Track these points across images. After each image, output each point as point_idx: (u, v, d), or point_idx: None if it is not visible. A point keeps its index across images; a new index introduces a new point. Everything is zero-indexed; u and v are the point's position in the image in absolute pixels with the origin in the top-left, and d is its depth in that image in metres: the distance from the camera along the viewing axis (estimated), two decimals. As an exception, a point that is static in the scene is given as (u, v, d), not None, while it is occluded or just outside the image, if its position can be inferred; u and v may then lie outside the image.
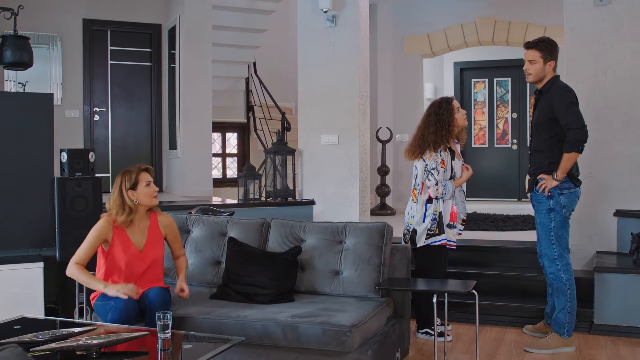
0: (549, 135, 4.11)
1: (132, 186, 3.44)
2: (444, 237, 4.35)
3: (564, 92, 4.07)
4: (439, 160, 4.33)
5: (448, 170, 4.37)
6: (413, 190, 4.47)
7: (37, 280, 4.48)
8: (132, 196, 3.44)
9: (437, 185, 4.31)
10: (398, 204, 8.89)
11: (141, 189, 3.45)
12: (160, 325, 2.75)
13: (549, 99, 4.10)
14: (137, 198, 3.45)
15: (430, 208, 4.34)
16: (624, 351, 4.16)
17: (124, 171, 3.51)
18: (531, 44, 4.20)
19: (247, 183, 5.96)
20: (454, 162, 4.42)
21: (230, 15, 8.48)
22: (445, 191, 4.31)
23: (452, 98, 4.52)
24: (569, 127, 3.96)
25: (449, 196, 4.34)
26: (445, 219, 4.36)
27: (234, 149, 10.16)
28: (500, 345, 4.31)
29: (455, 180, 4.38)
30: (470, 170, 4.47)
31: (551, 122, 4.08)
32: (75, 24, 7.82)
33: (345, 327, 3.17)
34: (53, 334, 2.78)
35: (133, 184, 3.44)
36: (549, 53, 4.13)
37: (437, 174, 4.31)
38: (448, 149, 4.41)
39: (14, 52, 5.00)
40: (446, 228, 4.36)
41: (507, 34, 8.31)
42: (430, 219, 4.34)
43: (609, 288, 4.57)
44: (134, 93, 8.34)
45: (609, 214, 5.15)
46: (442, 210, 4.36)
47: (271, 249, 4.05)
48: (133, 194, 3.44)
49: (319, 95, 6.01)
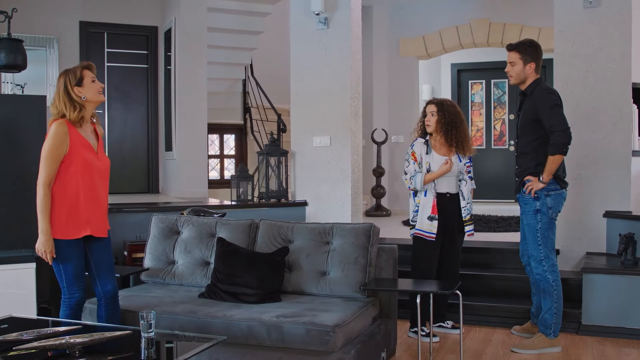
0: (534, 137, 4.14)
1: (78, 82, 3.32)
2: (418, 228, 4.48)
3: (547, 94, 4.10)
4: (409, 152, 4.53)
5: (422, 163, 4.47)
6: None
7: (29, 280, 4.51)
8: (79, 92, 3.32)
9: (405, 176, 4.52)
10: (393, 205, 8.93)
11: (87, 84, 3.33)
12: (143, 325, 2.79)
13: (532, 101, 4.13)
14: (84, 94, 3.32)
15: (415, 200, 4.52)
16: (610, 352, 4.18)
17: (65, 70, 3.39)
18: (511, 46, 4.24)
19: (239, 184, 6.00)
20: (429, 156, 4.47)
21: (226, 18, 8.52)
22: (412, 183, 4.46)
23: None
24: (553, 129, 3.99)
25: (419, 187, 4.44)
26: (426, 211, 4.44)
27: (231, 150, 10.20)
28: (487, 345, 4.34)
29: (427, 174, 4.45)
30: (448, 164, 4.42)
31: (535, 123, 4.11)
32: (72, 26, 7.86)
33: (329, 327, 3.20)
34: (38, 333, 2.82)
35: (78, 80, 3.32)
36: (528, 55, 4.17)
37: (406, 165, 4.53)
38: (425, 143, 4.50)
39: (8, 54, 5.04)
40: (426, 220, 4.44)
41: (502, 36, 8.34)
42: (413, 210, 4.51)
43: (596, 289, 4.59)
44: (131, 95, 8.38)
45: (599, 215, 5.17)
46: (423, 203, 4.46)
47: (260, 250, 4.09)
48: (80, 90, 3.32)
49: (311, 97, 6.05)
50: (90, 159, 3.34)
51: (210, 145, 9.89)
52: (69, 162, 3.28)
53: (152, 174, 8.50)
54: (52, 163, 3.25)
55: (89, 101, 3.35)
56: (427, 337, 4.13)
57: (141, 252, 4.71)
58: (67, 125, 3.30)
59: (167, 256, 4.34)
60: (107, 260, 3.53)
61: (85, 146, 3.33)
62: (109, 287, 3.48)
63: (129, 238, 5.30)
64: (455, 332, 4.57)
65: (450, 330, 4.63)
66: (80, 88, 3.33)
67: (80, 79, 3.33)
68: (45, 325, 3.22)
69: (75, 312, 3.39)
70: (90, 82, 3.35)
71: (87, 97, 3.34)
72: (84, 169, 3.31)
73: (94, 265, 3.47)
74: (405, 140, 8.98)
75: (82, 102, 3.33)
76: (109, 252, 3.56)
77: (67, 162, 3.28)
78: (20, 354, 2.60)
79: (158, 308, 3.63)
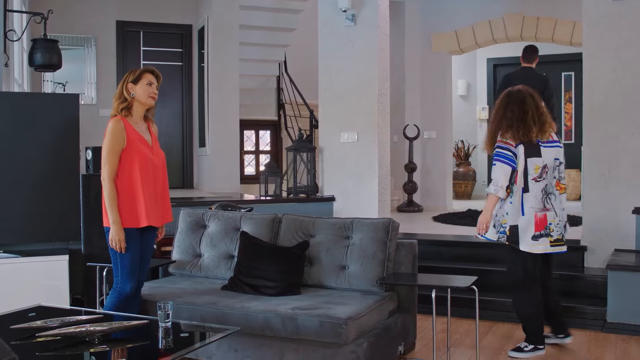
0: None
1: (134, 80, 3.50)
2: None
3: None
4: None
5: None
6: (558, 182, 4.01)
7: (62, 272, 4.70)
8: (131, 89, 3.48)
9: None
10: (425, 201, 8.91)
11: (141, 85, 3.49)
12: (161, 315, 2.90)
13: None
14: (135, 92, 3.49)
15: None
16: (634, 350, 4.13)
17: (132, 69, 3.62)
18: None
19: (268, 180, 6.10)
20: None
21: (259, 15, 8.63)
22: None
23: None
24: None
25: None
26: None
27: (267, 146, 10.33)
28: (508, 341, 4.33)
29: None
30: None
31: None
32: (109, 26, 8.10)
33: (341, 319, 3.26)
34: (62, 321, 2.95)
35: (135, 78, 3.50)
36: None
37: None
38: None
39: (44, 54, 5.24)
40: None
41: (535, 30, 8.23)
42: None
43: (622, 286, 4.53)
44: (166, 92, 8.58)
45: (628, 212, 5.09)
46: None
47: (282, 244, 4.17)
48: (132, 87, 3.49)
49: (339, 94, 6.11)
50: (147, 153, 3.52)
51: (246, 141, 10.04)
52: (128, 156, 3.47)
53: (186, 170, 8.69)
54: (113, 158, 3.43)
55: (137, 100, 3.52)
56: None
57: (170, 245, 4.84)
58: (123, 121, 3.48)
59: (194, 249, 4.46)
60: (150, 253, 3.73)
61: (141, 141, 3.52)
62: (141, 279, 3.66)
63: (159, 232, 5.44)
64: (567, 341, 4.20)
65: (562, 340, 4.22)
66: (135, 85, 3.50)
67: (137, 78, 3.51)
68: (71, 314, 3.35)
69: (122, 303, 3.52)
70: (145, 84, 3.51)
71: (136, 95, 3.50)
72: (141, 162, 3.48)
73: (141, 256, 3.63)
74: (438, 136, 8.95)
75: (130, 98, 3.50)
76: (152, 245, 3.76)
77: (126, 156, 3.47)
78: (43, 341, 2.73)
79: (181, 299, 3.75)
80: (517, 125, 3.90)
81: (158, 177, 3.60)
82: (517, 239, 3.89)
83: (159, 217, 3.62)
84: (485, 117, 10.98)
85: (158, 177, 3.60)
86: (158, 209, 3.59)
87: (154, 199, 3.56)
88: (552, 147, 3.96)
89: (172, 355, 2.63)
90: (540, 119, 3.93)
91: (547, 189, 3.90)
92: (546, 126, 3.95)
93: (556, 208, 3.91)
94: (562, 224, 3.95)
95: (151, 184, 3.53)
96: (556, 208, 3.91)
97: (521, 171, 3.88)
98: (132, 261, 3.52)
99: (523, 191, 3.88)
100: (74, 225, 4.89)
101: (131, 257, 3.51)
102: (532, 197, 3.86)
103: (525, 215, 3.87)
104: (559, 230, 3.92)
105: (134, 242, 3.51)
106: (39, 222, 4.87)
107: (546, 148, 3.93)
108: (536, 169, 3.88)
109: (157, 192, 3.59)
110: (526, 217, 3.87)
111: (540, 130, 3.91)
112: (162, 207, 3.64)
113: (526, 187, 3.87)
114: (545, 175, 3.89)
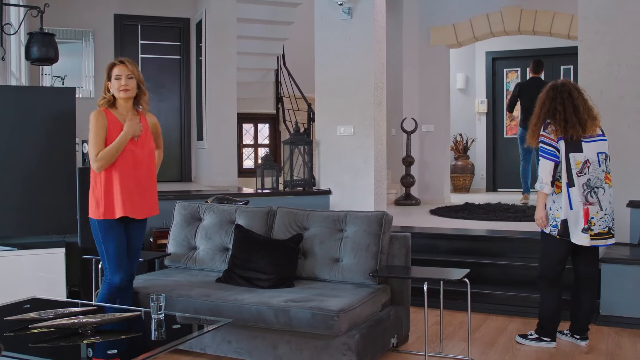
0: None
1: (108, 78, 3.57)
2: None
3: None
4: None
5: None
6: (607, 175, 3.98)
7: (59, 264, 4.73)
8: (110, 86, 3.56)
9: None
10: (423, 194, 8.92)
11: (112, 81, 3.55)
12: (153, 307, 2.94)
13: None
14: (111, 88, 3.56)
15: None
16: (626, 343, 4.15)
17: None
18: None
19: (264, 173, 6.12)
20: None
21: (256, 8, 8.63)
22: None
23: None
24: None
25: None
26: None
27: (265, 139, 10.34)
28: (501, 334, 4.35)
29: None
30: None
31: None
32: (107, 19, 8.11)
33: (333, 312, 3.29)
34: (55, 313, 2.98)
35: (108, 76, 3.57)
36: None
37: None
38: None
39: (40, 48, 5.26)
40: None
41: (533, 23, 8.21)
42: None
43: (615, 279, 4.55)
44: (164, 85, 8.60)
45: (622, 205, 5.11)
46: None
47: (276, 237, 4.19)
48: (109, 84, 3.56)
49: (335, 87, 6.12)
50: (128, 146, 3.52)
51: (245, 135, 10.05)
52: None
53: (185, 163, 8.71)
54: (98, 142, 3.48)
55: (115, 96, 3.57)
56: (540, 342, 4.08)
57: (166, 238, 4.87)
58: (105, 112, 3.54)
59: (189, 242, 4.48)
60: (138, 245, 3.74)
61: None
62: (131, 271, 3.67)
63: (155, 225, 5.47)
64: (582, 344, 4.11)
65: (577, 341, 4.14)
66: (109, 83, 3.57)
67: (109, 75, 3.57)
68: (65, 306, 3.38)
69: (112, 294, 3.57)
70: (113, 79, 3.55)
71: (113, 93, 3.57)
72: (121, 155, 3.50)
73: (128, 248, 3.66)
74: (436, 129, 8.96)
75: (110, 96, 3.58)
76: (141, 238, 3.76)
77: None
78: (36, 332, 2.76)
79: (175, 291, 3.78)
80: (560, 119, 3.88)
81: (140, 170, 3.59)
82: (568, 232, 3.90)
83: (140, 210, 3.60)
84: (484, 110, 10.99)
85: (140, 170, 3.59)
86: (138, 201, 3.58)
87: (134, 192, 3.55)
88: (594, 141, 3.93)
89: (164, 346, 2.66)
90: (590, 114, 3.93)
91: (590, 184, 3.89)
92: (597, 121, 3.96)
93: (602, 201, 3.92)
94: (608, 217, 3.96)
95: (130, 176, 3.53)
96: (602, 201, 3.92)
97: (564, 165, 3.89)
98: (118, 253, 3.54)
99: (568, 186, 3.88)
100: (71, 218, 4.91)
101: (116, 249, 3.54)
102: (576, 191, 3.87)
103: (574, 208, 3.88)
104: (602, 223, 3.92)
105: (115, 234, 3.53)
106: (36, 215, 4.89)
107: (588, 143, 3.91)
108: (577, 164, 3.87)
109: (140, 185, 3.58)
110: (574, 210, 3.88)
111: (592, 125, 3.90)
112: (145, 199, 3.62)
113: (571, 182, 3.87)
114: (587, 170, 3.89)
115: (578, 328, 4.12)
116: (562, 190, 3.90)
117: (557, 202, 3.95)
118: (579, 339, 4.11)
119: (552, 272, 4.02)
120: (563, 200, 3.89)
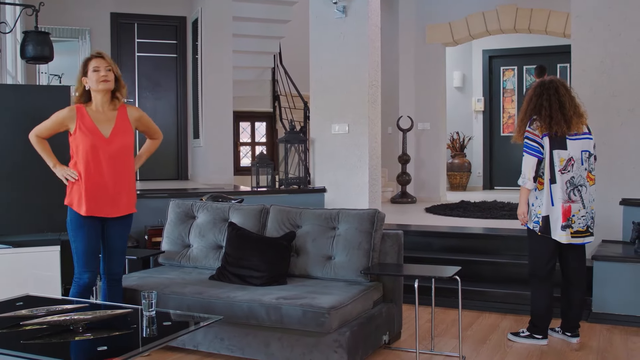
0: None
1: (84, 73, 3.56)
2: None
3: None
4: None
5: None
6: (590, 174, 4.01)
7: (54, 262, 4.74)
8: (84, 82, 3.55)
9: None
10: (419, 192, 8.95)
11: (90, 74, 3.52)
12: (145, 304, 2.95)
13: None
14: (88, 83, 3.54)
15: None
16: (617, 340, 4.18)
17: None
18: None
19: (259, 171, 6.14)
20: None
21: (252, 7, 8.64)
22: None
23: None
24: None
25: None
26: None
27: (262, 137, 10.36)
28: (493, 331, 4.38)
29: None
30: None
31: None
32: (103, 18, 8.12)
33: (324, 309, 3.31)
34: (47, 310, 3.00)
35: (84, 71, 3.56)
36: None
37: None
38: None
39: (35, 47, 5.25)
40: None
41: (529, 22, 8.24)
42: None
43: (607, 277, 4.57)
44: (160, 84, 8.61)
45: (615, 203, 5.13)
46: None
47: (269, 234, 4.21)
48: (85, 80, 3.55)
49: (330, 85, 6.13)
50: (95, 143, 3.49)
51: (242, 133, 10.07)
52: (74, 144, 3.54)
53: (181, 161, 8.73)
54: (45, 125, 3.58)
55: (93, 90, 3.54)
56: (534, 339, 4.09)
57: (160, 236, 4.89)
58: (79, 109, 3.54)
59: (183, 240, 4.50)
60: (119, 244, 3.69)
61: (91, 130, 3.50)
62: (114, 270, 3.67)
63: (150, 223, 5.50)
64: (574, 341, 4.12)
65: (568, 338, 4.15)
66: (86, 78, 3.55)
67: (85, 70, 3.55)
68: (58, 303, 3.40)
69: (83, 293, 3.57)
70: (91, 72, 3.52)
71: (90, 87, 3.54)
72: (87, 152, 3.48)
73: (106, 247, 3.66)
74: (432, 127, 8.98)
75: (84, 91, 3.57)
76: (123, 236, 3.71)
77: (72, 144, 3.55)
78: (28, 329, 2.78)
79: (168, 289, 3.80)
80: (545, 115, 3.89)
81: (113, 166, 3.53)
82: (549, 229, 3.93)
83: (109, 209, 3.55)
84: (481, 108, 11.01)
85: (113, 166, 3.53)
86: (107, 199, 3.53)
87: (101, 189, 3.51)
88: (580, 139, 3.95)
89: (154, 342, 2.68)
90: (577, 111, 3.94)
91: (574, 181, 3.91)
92: (583, 119, 3.97)
93: (585, 200, 3.94)
94: (588, 216, 3.98)
95: (98, 174, 3.50)
96: (585, 200, 3.94)
97: (547, 162, 3.91)
98: (87, 251, 3.53)
99: (550, 182, 3.91)
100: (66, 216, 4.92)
101: (85, 247, 3.52)
102: (558, 189, 3.89)
103: (555, 205, 3.90)
104: (582, 222, 3.94)
105: (85, 232, 3.52)
106: (31, 213, 4.90)
107: (573, 141, 3.93)
108: (561, 161, 3.90)
109: (111, 182, 3.53)
110: (556, 207, 3.90)
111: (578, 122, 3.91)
112: (117, 197, 3.56)
113: (553, 178, 3.90)
114: (570, 167, 3.91)
115: (569, 325, 4.15)
116: (545, 186, 3.92)
117: (539, 199, 3.97)
118: (570, 336, 4.13)
119: (541, 270, 4.05)
120: (545, 196, 3.92)
